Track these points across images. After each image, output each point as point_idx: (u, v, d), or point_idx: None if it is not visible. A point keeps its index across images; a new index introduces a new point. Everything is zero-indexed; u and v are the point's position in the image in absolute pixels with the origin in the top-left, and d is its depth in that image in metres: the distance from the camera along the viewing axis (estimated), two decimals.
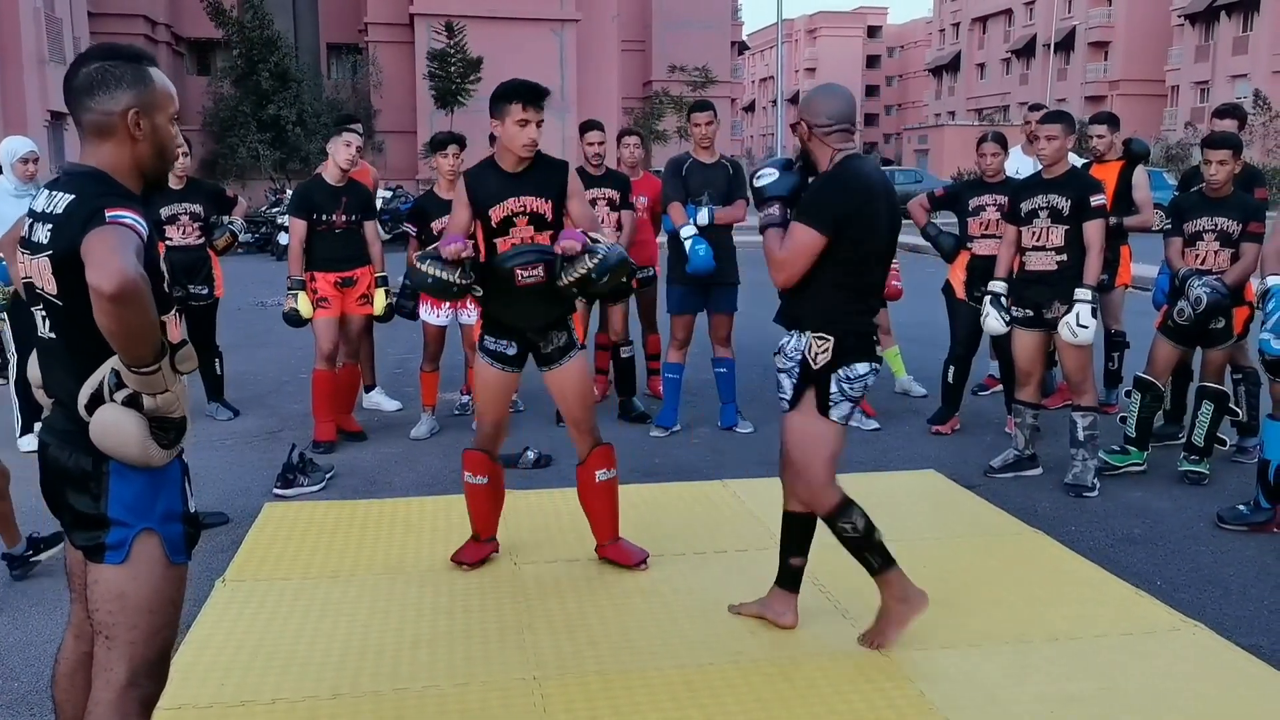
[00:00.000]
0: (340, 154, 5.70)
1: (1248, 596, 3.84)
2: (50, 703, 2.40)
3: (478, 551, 4.06)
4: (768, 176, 3.30)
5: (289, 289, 5.70)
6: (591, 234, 3.73)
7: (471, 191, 3.76)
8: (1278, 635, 3.52)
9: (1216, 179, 4.96)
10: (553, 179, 3.79)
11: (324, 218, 5.70)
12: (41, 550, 3.97)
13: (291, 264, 5.71)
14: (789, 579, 3.50)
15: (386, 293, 5.88)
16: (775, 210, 3.24)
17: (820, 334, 3.15)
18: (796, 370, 3.21)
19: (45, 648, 3.34)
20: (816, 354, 3.15)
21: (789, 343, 3.26)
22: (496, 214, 3.73)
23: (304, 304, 5.67)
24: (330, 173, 5.76)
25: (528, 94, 3.66)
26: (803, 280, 3.14)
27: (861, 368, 3.16)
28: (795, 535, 3.45)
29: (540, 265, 3.68)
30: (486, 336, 3.82)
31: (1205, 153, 5.02)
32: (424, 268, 3.62)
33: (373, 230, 5.90)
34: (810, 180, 3.25)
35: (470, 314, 5.98)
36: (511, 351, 3.83)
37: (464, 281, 3.64)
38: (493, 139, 4.02)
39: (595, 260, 3.58)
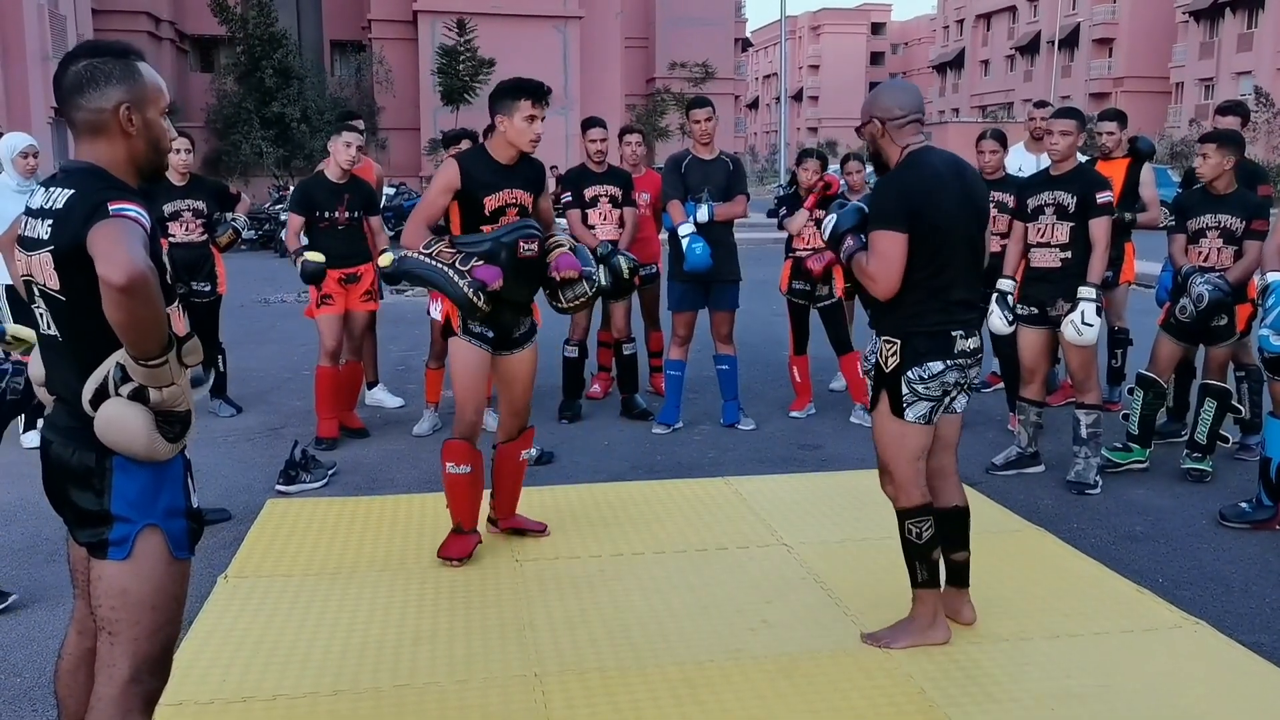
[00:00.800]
0: (340, 154, 5.72)
1: (1249, 594, 3.84)
2: (53, 699, 2.40)
3: (464, 545, 4.06)
4: (829, 221, 3.34)
5: (298, 256, 5.57)
6: (562, 241, 4.03)
7: (468, 177, 3.82)
8: (1279, 633, 3.51)
9: (1202, 172, 5.00)
10: (535, 175, 3.99)
11: (326, 215, 5.72)
12: None
13: (290, 244, 5.75)
14: (955, 576, 3.45)
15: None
16: (850, 241, 3.25)
17: (888, 338, 3.17)
18: (873, 372, 3.26)
19: (48, 644, 3.35)
20: (886, 357, 3.17)
21: (870, 345, 3.31)
22: (491, 202, 3.84)
23: (314, 254, 5.57)
24: (332, 170, 5.78)
25: (537, 91, 3.82)
26: None
27: (936, 366, 3.12)
28: (947, 531, 3.41)
29: (535, 241, 3.88)
30: (469, 321, 3.87)
31: (1197, 147, 5.05)
32: (462, 285, 3.68)
33: (377, 224, 5.94)
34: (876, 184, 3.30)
35: None
36: (491, 335, 3.92)
37: (486, 309, 3.77)
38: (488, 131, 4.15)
39: (592, 284, 3.98)
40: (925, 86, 74.88)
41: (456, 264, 3.71)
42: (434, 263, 3.72)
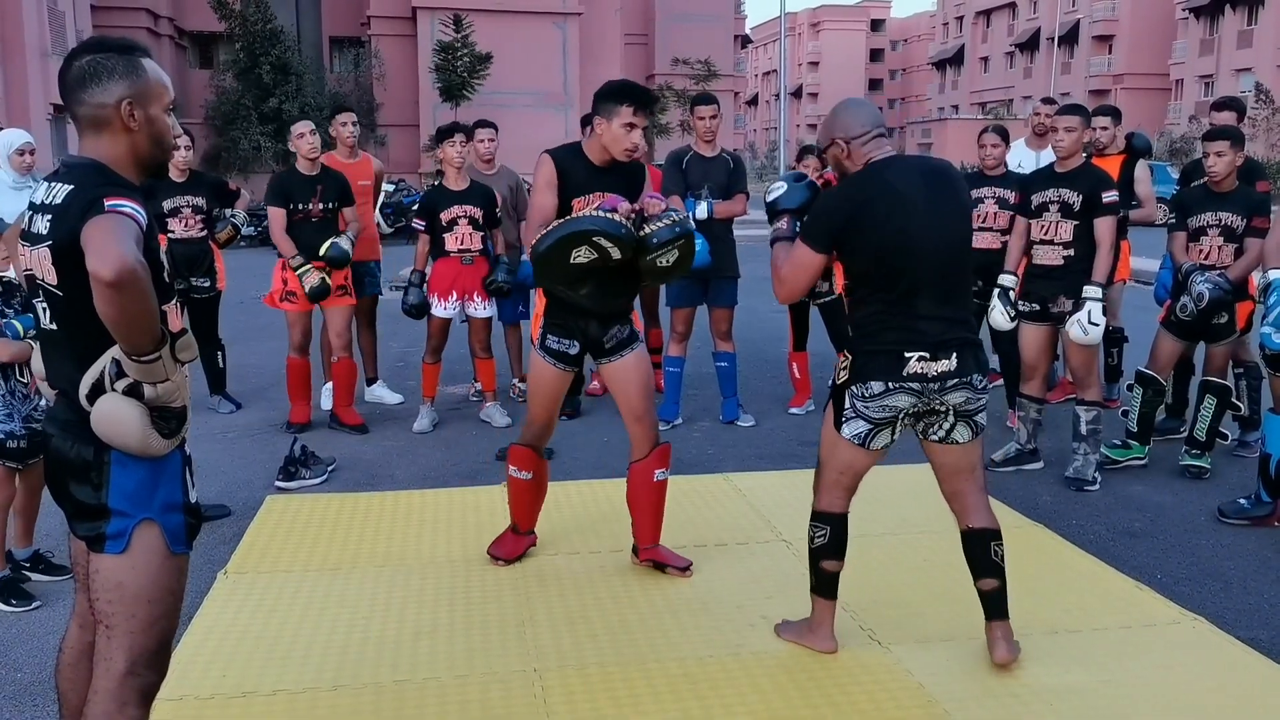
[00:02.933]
0: (298, 147, 5.79)
1: (1248, 590, 3.85)
2: (54, 693, 2.41)
3: (516, 545, 4.04)
4: (778, 190, 3.26)
5: (297, 270, 5.69)
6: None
7: (563, 176, 3.59)
8: (1277, 629, 3.52)
9: (1215, 170, 4.96)
10: (632, 179, 3.70)
11: (300, 207, 5.76)
12: (39, 569, 3.86)
13: (284, 248, 5.75)
14: (984, 606, 3.19)
15: (324, 276, 5.72)
16: (784, 224, 3.20)
17: (843, 352, 3.11)
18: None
19: (49, 639, 3.35)
20: (838, 371, 3.11)
21: None
22: (579, 205, 3.58)
23: (315, 276, 5.67)
24: (300, 163, 5.83)
25: (641, 98, 3.56)
26: (849, 296, 3.10)
27: (876, 386, 2.96)
28: (968, 554, 3.21)
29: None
30: (550, 337, 3.73)
31: (1204, 145, 5.03)
32: (603, 215, 3.37)
33: (350, 215, 5.93)
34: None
35: (478, 308, 5.99)
36: (574, 351, 3.74)
37: (631, 228, 3.41)
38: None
39: (675, 220, 3.45)
40: (925, 83, 75.00)
41: (579, 213, 3.44)
42: (561, 223, 3.40)
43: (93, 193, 1.97)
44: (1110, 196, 4.83)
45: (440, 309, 6.01)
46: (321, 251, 5.71)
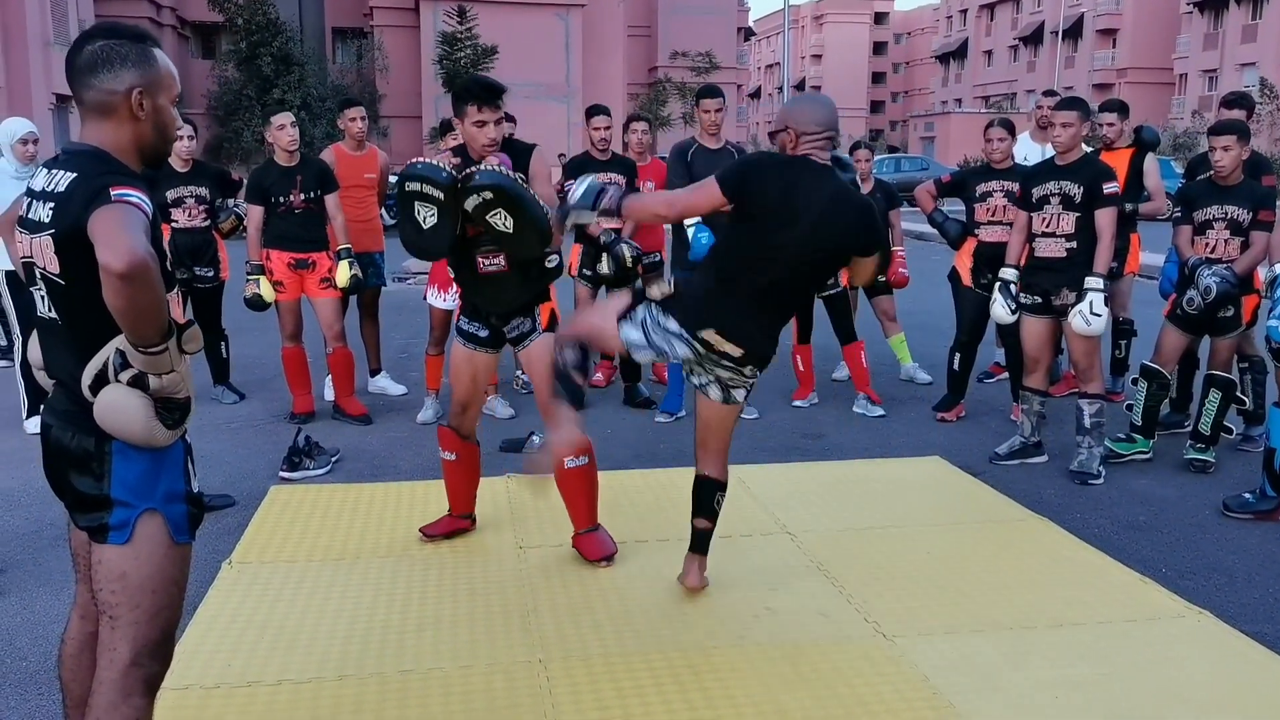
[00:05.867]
0: (278, 139, 5.78)
1: (1252, 584, 3.84)
2: (58, 682, 2.41)
3: (442, 526, 4.16)
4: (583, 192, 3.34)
5: (248, 275, 5.78)
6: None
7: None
8: None
9: (1222, 164, 4.94)
10: (518, 165, 3.71)
11: (282, 200, 5.76)
12: None
13: (250, 250, 5.80)
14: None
15: (350, 264, 5.81)
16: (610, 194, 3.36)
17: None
18: None
19: (53, 628, 3.35)
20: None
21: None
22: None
23: (265, 288, 5.79)
24: (279, 155, 5.82)
25: (482, 94, 3.59)
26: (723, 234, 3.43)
27: (671, 324, 3.26)
28: (695, 498, 3.64)
29: (500, 255, 3.69)
30: (463, 318, 3.93)
31: (1210, 140, 5.01)
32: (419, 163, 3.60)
33: (334, 203, 5.85)
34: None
35: None
36: (483, 334, 3.89)
37: (454, 175, 3.56)
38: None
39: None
40: (928, 77, 74.83)
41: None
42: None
43: (97, 181, 1.94)
44: (1111, 188, 4.82)
45: (440, 300, 6.00)
46: (340, 284, 5.81)
